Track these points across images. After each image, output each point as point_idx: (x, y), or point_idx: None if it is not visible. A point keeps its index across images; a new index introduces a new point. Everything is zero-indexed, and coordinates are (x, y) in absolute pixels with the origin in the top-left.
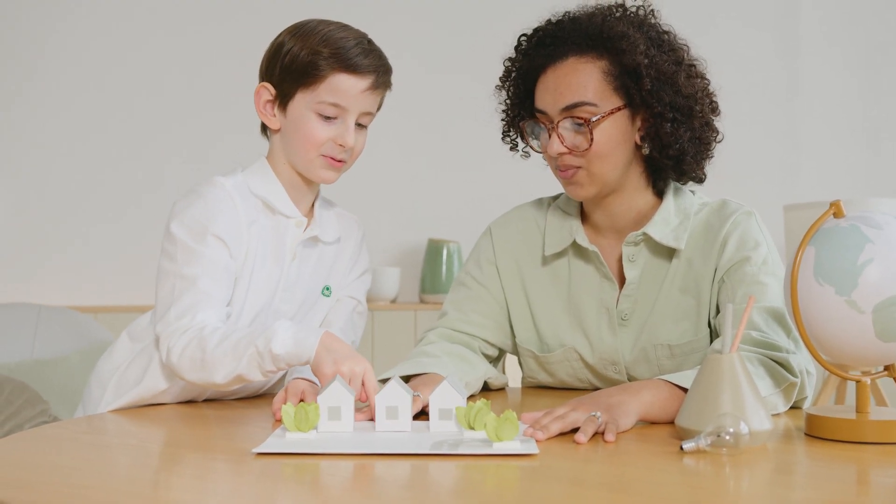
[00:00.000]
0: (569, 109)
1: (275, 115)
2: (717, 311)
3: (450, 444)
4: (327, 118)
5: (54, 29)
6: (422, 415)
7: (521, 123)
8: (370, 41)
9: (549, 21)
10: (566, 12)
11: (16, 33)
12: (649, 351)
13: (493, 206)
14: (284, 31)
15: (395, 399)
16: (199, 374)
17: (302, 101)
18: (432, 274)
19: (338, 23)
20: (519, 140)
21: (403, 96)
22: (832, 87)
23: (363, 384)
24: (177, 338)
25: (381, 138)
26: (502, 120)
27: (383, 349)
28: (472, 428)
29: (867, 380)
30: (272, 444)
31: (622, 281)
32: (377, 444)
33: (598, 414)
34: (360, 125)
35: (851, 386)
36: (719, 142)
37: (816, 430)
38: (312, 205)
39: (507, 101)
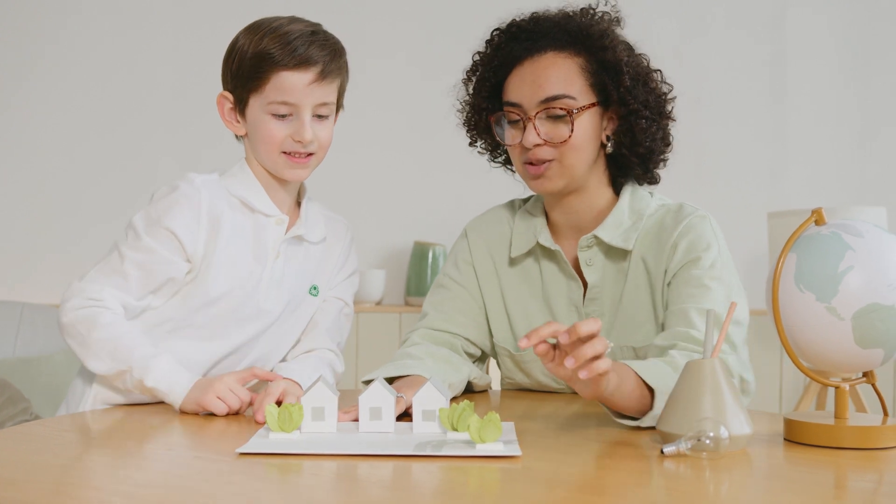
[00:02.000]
0: (548, 101)
1: (238, 122)
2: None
3: (433, 445)
4: (282, 116)
5: (49, 30)
6: (405, 416)
7: (489, 117)
8: (315, 31)
9: (522, 18)
10: (534, 13)
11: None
12: (617, 353)
13: (478, 209)
14: (241, 30)
15: (379, 400)
16: (77, 349)
17: (255, 105)
18: (417, 276)
19: (287, 17)
20: (479, 135)
21: (391, 99)
22: (818, 95)
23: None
24: (76, 300)
25: (368, 141)
26: (465, 112)
27: (368, 351)
28: (455, 429)
29: (846, 386)
30: (256, 444)
31: (587, 281)
32: (361, 445)
33: (611, 345)
34: (320, 116)
35: (832, 392)
36: (671, 149)
37: (796, 436)
38: (298, 205)
39: (473, 95)
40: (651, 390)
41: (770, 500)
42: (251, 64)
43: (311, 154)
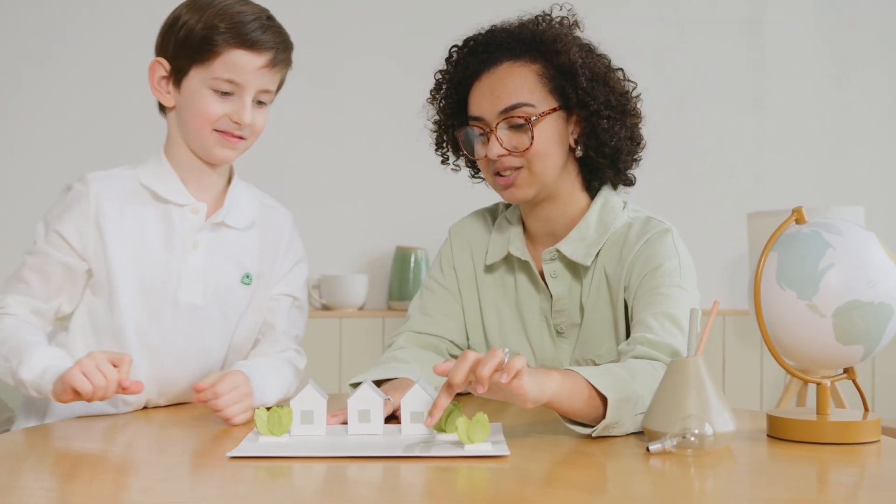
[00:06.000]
0: (507, 112)
1: (169, 93)
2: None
3: (421, 446)
4: (223, 94)
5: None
6: (392, 419)
7: (455, 132)
8: (270, 17)
9: (479, 32)
10: (492, 25)
11: None
12: (582, 365)
13: (459, 213)
14: (181, 4)
15: (367, 403)
16: None
17: (196, 77)
18: (400, 281)
19: None
20: (450, 153)
21: (372, 104)
22: (796, 98)
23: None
24: None
25: (349, 146)
26: (433, 132)
27: (351, 355)
28: (443, 430)
29: (827, 382)
30: (246, 447)
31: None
32: (350, 447)
33: (507, 351)
34: (260, 103)
35: (813, 388)
36: (643, 147)
37: (778, 432)
38: (226, 191)
39: (440, 113)
40: (604, 398)
41: (754, 496)
42: (203, 35)
43: (242, 137)
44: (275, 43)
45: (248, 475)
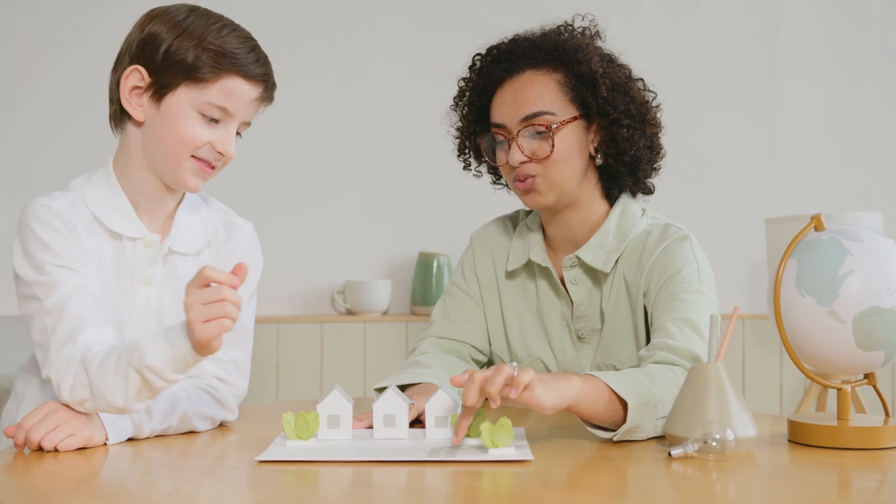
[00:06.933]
0: (529, 119)
1: (142, 106)
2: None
3: (446, 450)
4: (211, 120)
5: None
6: (416, 423)
7: (477, 139)
8: (261, 48)
9: (502, 41)
10: (515, 34)
11: None
12: (603, 370)
13: (481, 219)
14: (155, 20)
15: (393, 407)
16: (95, 403)
17: (185, 97)
18: (423, 286)
19: (222, 19)
20: (472, 159)
21: (396, 111)
22: (810, 105)
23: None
24: (65, 370)
25: (373, 153)
26: (456, 138)
27: (375, 360)
28: (468, 435)
29: (848, 388)
30: (274, 451)
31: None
32: (375, 452)
33: (515, 365)
34: (238, 133)
35: (832, 394)
36: (663, 157)
37: (799, 437)
38: (175, 213)
39: (463, 120)
40: (624, 403)
41: (776, 501)
42: (200, 57)
43: (214, 167)
44: (268, 77)
45: (276, 479)
